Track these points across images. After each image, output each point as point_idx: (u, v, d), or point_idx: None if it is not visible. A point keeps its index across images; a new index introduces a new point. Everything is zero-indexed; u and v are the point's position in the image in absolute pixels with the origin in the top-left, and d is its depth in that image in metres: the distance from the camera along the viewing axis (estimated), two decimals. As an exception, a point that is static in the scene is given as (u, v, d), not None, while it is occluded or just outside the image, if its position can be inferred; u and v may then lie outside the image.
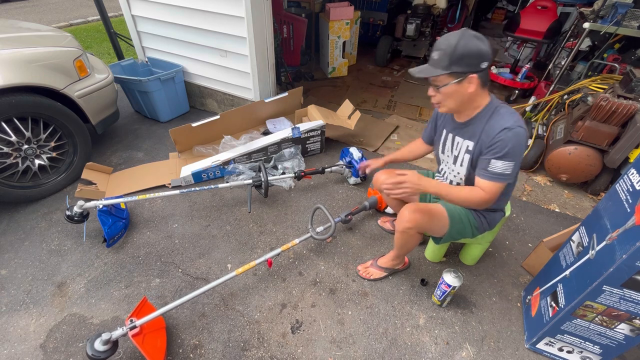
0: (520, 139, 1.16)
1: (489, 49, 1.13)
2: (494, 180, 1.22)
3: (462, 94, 1.20)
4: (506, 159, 1.18)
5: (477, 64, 1.14)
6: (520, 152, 1.18)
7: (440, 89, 1.21)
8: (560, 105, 2.68)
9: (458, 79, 1.16)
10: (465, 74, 1.15)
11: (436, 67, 1.17)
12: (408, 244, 1.55)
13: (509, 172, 1.20)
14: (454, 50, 1.12)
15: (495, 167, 1.20)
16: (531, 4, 3.62)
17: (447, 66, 1.14)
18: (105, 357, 1.26)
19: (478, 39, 1.13)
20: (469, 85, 1.18)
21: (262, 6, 2.50)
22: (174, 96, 3.12)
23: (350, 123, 2.76)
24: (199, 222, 2.11)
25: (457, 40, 1.11)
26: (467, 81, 1.17)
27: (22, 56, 1.94)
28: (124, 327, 1.30)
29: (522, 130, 1.16)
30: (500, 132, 1.17)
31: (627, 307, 1.16)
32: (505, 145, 1.17)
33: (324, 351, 1.48)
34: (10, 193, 2.05)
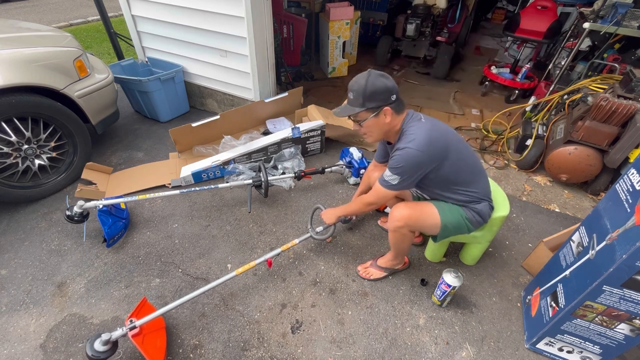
0: (407, 157, 1.30)
1: (393, 84, 1.31)
2: (381, 183, 1.42)
3: (381, 124, 1.36)
4: (393, 171, 1.35)
5: (387, 98, 1.30)
6: (406, 169, 1.33)
7: (362, 123, 1.37)
8: (560, 105, 2.68)
9: (374, 113, 1.33)
10: (379, 107, 1.31)
11: (354, 105, 1.34)
12: (402, 243, 1.59)
13: (394, 183, 1.37)
14: (364, 90, 1.29)
15: (386, 175, 1.39)
16: (531, 4, 3.62)
17: (362, 104, 1.31)
18: (105, 357, 1.26)
19: (383, 77, 1.30)
20: (385, 117, 1.34)
21: (262, 6, 2.50)
22: (174, 96, 3.12)
23: (350, 123, 2.74)
24: (199, 222, 2.11)
25: (365, 81, 1.29)
26: (382, 113, 1.33)
27: (22, 56, 1.94)
28: (124, 328, 1.30)
29: (409, 150, 1.29)
30: (395, 151, 1.36)
31: (627, 307, 1.16)
32: (395, 161, 1.35)
33: (324, 351, 1.48)
34: (10, 193, 2.05)
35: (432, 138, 1.31)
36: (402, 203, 1.51)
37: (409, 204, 1.51)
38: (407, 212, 1.46)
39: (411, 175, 1.34)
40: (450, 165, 1.36)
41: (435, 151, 1.32)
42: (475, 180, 1.46)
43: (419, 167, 1.33)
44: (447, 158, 1.34)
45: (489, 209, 1.51)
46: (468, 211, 1.47)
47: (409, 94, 3.84)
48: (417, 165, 1.32)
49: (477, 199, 1.47)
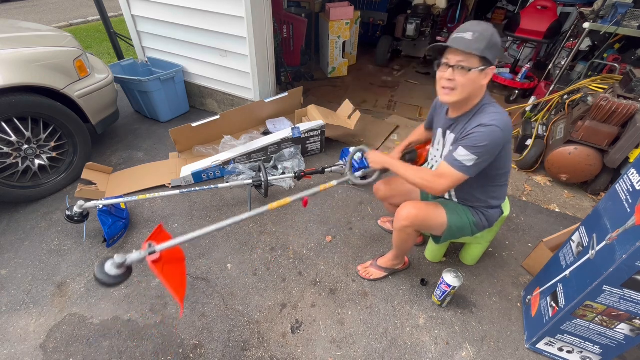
0: (493, 136, 1.14)
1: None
2: (452, 165, 1.20)
3: (476, 84, 1.16)
4: (471, 150, 1.16)
5: (495, 59, 1.13)
6: (487, 150, 1.16)
7: (468, 71, 1.12)
8: (560, 105, 2.68)
9: (482, 67, 1.12)
10: (490, 64, 1.13)
11: (470, 47, 1.09)
12: (406, 243, 1.56)
13: (469, 165, 1.17)
14: (491, 37, 1.09)
15: (458, 154, 1.18)
16: (531, 4, 3.62)
17: (483, 50, 1.09)
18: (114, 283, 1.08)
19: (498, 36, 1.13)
20: (485, 77, 1.15)
21: (262, 6, 2.50)
22: (174, 96, 3.12)
23: (350, 123, 2.76)
24: (199, 222, 2.11)
25: (491, 28, 1.10)
26: (486, 72, 1.14)
27: (22, 56, 1.94)
28: (141, 251, 1.12)
29: (496, 129, 1.14)
30: (476, 127, 1.17)
31: (627, 307, 1.16)
32: (475, 138, 1.16)
33: (324, 351, 1.48)
34: (10, 193, 2.05)
35: (510, 122, 1.18)
36: (409, 202, 1.45)
37: (416, 203, 1.45)
38: (415, 211, 1.41)
39: (489, 158, 1.18)
40: (502, 157, 1.25)
41: (509, 138, 1.20)
42: (507, 182, 1.42)
43: (497, 149, 1.18)
44: (505, 148, 1.23)
45: (499, 215, 1.50)
46: (477, 214, 1.45)
47: (409, 94, 3.83)
48: (497, 147, 1.17)
49: (495, 204, 1.45)
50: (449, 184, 1.22)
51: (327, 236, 2.03)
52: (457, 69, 1.14)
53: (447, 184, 1.22)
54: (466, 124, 1.22)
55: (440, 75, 1.20)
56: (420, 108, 3.53)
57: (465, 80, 1.14)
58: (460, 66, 1.13)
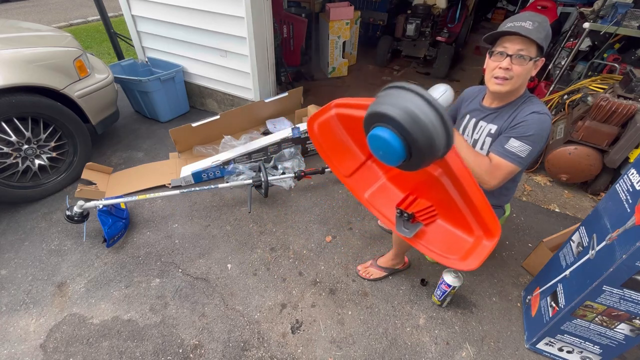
0: (545, 125, 1.13)
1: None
2: (506, 158, 1.16)
3: (527, 74, 1.14)
4: (525, 141, 1.13)
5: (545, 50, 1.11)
6: (540, 138, 1.13)
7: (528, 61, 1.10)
8: (560, 105, 2.67)
9: (536, 57, 1.11)
10: (542, 55, 1.12)
11: (531, 34, 1.06)
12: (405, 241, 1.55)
13: (523, 156, 1.14)
14: (549, 28, 1.08)
15: (512, 146, 1.14)
16: (531, 4, 3.62)
17: (543, 39, 1.08)
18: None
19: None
20: (535, 68, 1.14)
21: (262, 6, 2.50)
22: (174, 96, 3.11)
23: (350, 123, 2.75)
24: (199, 222, 2.11)
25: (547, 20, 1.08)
26: (538, 63, 1.12)
27: (22, 56, 1.94)
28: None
29: (547, 118, 1.13)
30: (529, 115, 1.14)
31: (627, 307, 1.16)
32: (528, 127, 1.13)
33: (324, 351, 1.48)
34: (10, 193, 2.05)
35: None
36: None
37: None
38: None
39: (540, 148, 1.14)
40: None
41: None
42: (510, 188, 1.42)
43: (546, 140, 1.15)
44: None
45: (501, 215, 1.50)
46: None
47: (409, 94, 3.83)
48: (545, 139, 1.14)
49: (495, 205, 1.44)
50: (503, 177, 1.17)
51: (327, 236, 2.03)
52: (516, 58, 1.10)
53: (502, 177, 1.17)
54: (513, 113, 1.19)
55: (494, 64, 1.16)
56: (420, 108, 3.53)
57: (521, 70, 1.12)
58: (519, 55, 1.10)
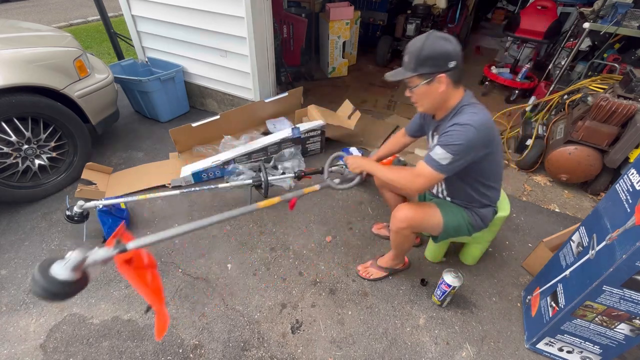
0: (468, 134, 1.16)
1: (455, 48, 1.15)
2: (428, 164, 1.23)
3: (433, 93, 1.23)
4: (446, 149, 1.18)
5: (444, 64, 1.16)
6: (465, 148, 1.17)
7: (412, 90, 1.25)
8: (560, 105, 2.67)
9: (427, 80, 1.19)
10: (433, 74, 1.18)
11: (406, 69, 1.21)
12: (404, 244, 1.58)
13: (444, 164, 1.19)
14: (419, 53, 1.16)
15: (435, 153, 1.21)
16: (531, 4, 3.62)
17: (415, 68, 1.19)
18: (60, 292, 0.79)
19: (444, 39, 1.15)
20: (439, 85, 1.20)
21: (262, 6, 2.50)
22: (174, 96, 3.11)
23: (350, 123, 2.76)
24: (199, 222, 2.11)
25: (423, 42, 1.15)
26: (436, 81, 1.19)
27: (22, 56, 1.94)
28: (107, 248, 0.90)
29: (470, 128, 1.16)
30: (451, 126, 1.20)
31: (627, 307, 1.16)
32: (450, 137, 1.19)
33: (324, 351, 1.48)
34: (10, 193, 2.05)
35: (490, 122, 1.21)
36: (405, 204, 1.48)
37: (412, 205, 1.48)
38: (411, 213, 1.43)
39: (464, 157, 1.19)
40: (491, 159, 1.29)
41: (489, 138, 1.21)
42: (498, 182, 1.43)
43: (473, 149, 1.19)
44: (492, 150, 1.26)
45: (493, 214, 1.50)
46: (471, 214, 1.46)
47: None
48: (473, 147, 1.19)
49: (488, 203, 1.45)
50: (425, 182, 1.26)
51: (327, 236, 2.03)
52: (409, 89, 1.27)
53: (424, 182, 1.26)
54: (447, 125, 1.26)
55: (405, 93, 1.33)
56: (420, 108, 3.53)
57: (418, 96, 1.27)
58: (409, 86, 1.26)
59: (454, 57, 1.15)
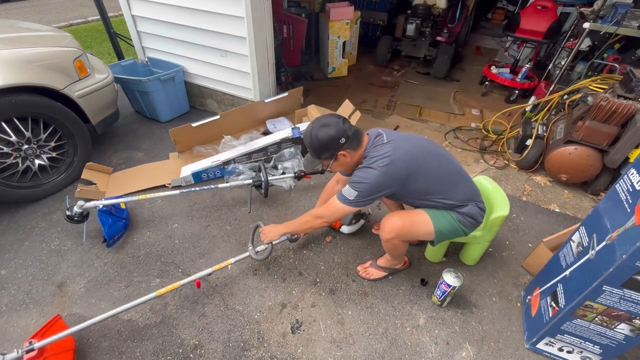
0: (369, 177, 1.32)
1: (337, 129, 1.32)
2: (338, 198, 1.41)
3: (344, 163, 1.43)
4: (353, 187, 1.35)
5: (337, 145, 1.34)
6: (365, 187, 1.33)
7: (328, 168, 1.47)
8: (560, 105, 2.67)
9: (333, 159, 1.40)
10: (333, 155, 1.37)
11: (314, 157, 1.44)
12: (396, 250, 1.60)
13: (351, 198, 1.36)
14: (312, 146, 1.37)
15: (345, 191, 1.39)
16: (531, 4, 3.62)
17: (318, 156, 1.41)
18: None
19: (325, 126, 1.33)
20: (344, 158, 1.39)
21: (262, 6, 2.50)
22: (174, 96, 3.11)
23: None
24: (199, 222, 2.11)
25: (310, 137, 1.35)
26: (340, 157, 1.39)
27: (22, 56, 1.94)
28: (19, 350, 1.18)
29: (371, 171, 1.32)
30: (360, 168, 1.39)
31: (627, 307, 1.16)
32: (357, 178, 1.36)
33: (324, 351, 1.48)
34: (10, 193, 2.05)
35: (394, 160, 1.32)
36: (393, 213, 1.51)
37: (400, 213, 1.50)
38: (399, 222, 1.45)
39: (370, 194, 1.35)
40: (418, 181, 1.37)
41: (396, 173, 1.33)
42: (452, 188, 1.43)
43: (378, 188, 1.34)
44: (412, 176, 1.35)
45: (478, 210, 1.47)
46: (458, 215, 1.45)
47: (409, 94, 3.83)
48: (377, 186, 1.33)
49: (460, 204, 1.44)
50: (333, 212, 1.45)
51: (327, 236, 2.03)
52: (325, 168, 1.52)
53: (332, 212, 1.46)
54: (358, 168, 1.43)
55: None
56: (420, 108, 3.53)
57: (335, 169, 1.50)
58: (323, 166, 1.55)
59: (340, 135, 1.33)
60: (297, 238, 1.81)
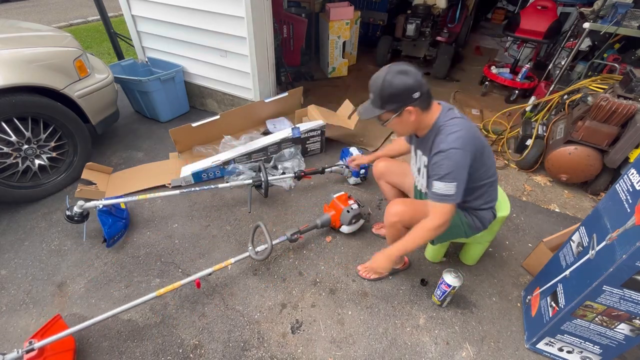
0: (455, 159, 1.19)
1: (415, 80, 1.17)
2: (438, 201, 1.25)
3: (406, 123, 1.27)
4: (445, 180, 1.20)
5: (408, 98, 1.19)
6: (458, 172, 1.20)
7: (384, 124, 1.28)
8: (560, 105, 2.68)
9: (397, 114, 1.23)
10: (400, 108, 1.21)
11: (374, 106, 1.25)
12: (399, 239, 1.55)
13: (452, 193, 1.21)
14: (382, 92, 1.19)
15: (437, 189, 1.23)
16: (531, 4, 3.62)
17: (381, 106, 1.23)
18: None
19: (403, 73, 1.16)
20: (409, 116, 1.23)
21: (262, 6, 2.50)
22: (174, 96, 3.11)
23: (350, 123, 2.76)
24: (199, 222, 2.11)
25: (382, 81, 1.18)
26: (406, 113, 1.22)
27: (22, 56, 1.94)
28: (19, 350, 1.18)
29: (454, 152, 1.18)
30: (436, 155, 1.22)
31: (627, 307, 1.16)
32: (440, 168, 1.20)
33: (324, 351, 1.48)
34: (10, 193, 2.05)
35: (473, 135, 1.23)
36: (399, 199, 1.50)
37: (405, 200, 1.50)
38: (403, 208, 1.44)
39: (464, 177, 1.22)
40: (479, 167, 1.30)
41: (475, 149, 1.23)
42: (491, 187, 1.42)
43: (465, 167, 1.22)
44: (481, 158, 1.28)
45: (492, 216, 1.49)
46: (469, 216, 1.45)
47: (409, 94, 3.83)
48: (465, 166, 1.21)
49: (486, 206, 1.44)
50: (443, 216, 1.26)
51: (327, 236, 2.03)
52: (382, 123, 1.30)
53: (442, 217, 1.26)
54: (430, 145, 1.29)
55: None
56: (420, 108, 3.53)
57: (393, 127, 1.32)
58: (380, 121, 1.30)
59: (417, 88, 1.18)
60: (297, 238, 1.82)
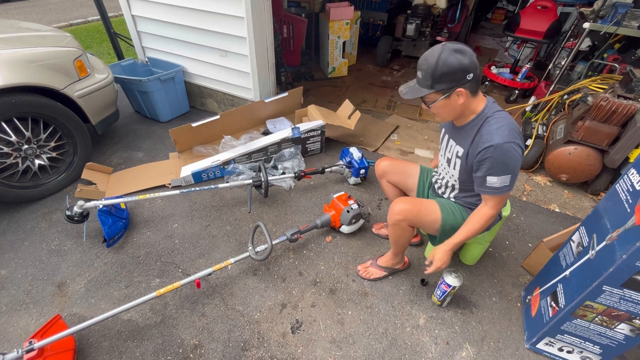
0: (511, 154, 1.16)
1: (471, 60, 1.11)
2: (496, 194, 1.25)
3: (453, 106, 1.21)
4: (501, 174, 1.19)
5: (462, 78, 1.13)
6: (513, 165, 1.18)
7: (429, 105, 1.23)
8: (560, 105, 2.68)
9: (445, 95, 1.17)
10: (451, 88, 1.15)
11: (422, 86, 1.19)
12: (402, 238, 1.56)
13: (508, 184, 1.21)
14: (434, 70, 1.13)
15: (493, 183, 1.22)
16: (531, 4, 3.62)
17: (431, 85, 1.16)
18: None
19: (459, 52, 1.11)
20: (458, 98, 1.18)
21: (262, 6, 2.50)
22: (174, 96, 3.11)
23: (350, 123, 2.76)
24: (199, 222, 2.11)
25: (437, 58, 1.11)
26: (455, 94, 1.17)
27: (22, 56, 1.94)
28: (19, 350, 1.19)
29: (509, 146, 1.15)
30: (487, 149, 1.18)
31: (627, 307, 1.16)
32: (495, 162, 1.18)
33: (324, 351, 1.48)
34: (10, 193, 2.05)
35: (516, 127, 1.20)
36: (402, 197, 1.48)
37: (409, 199, 1.48)
38: (407, 206, 1.43)
39: (518, 169, 1.20)
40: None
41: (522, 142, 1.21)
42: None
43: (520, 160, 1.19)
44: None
45: (498, 218, 1.49)
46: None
47: (409, 94, 3.83)
48: (519, 158, 1.18)
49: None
50: (502, 205, 1.30)
51: (327, 236, 2.03)
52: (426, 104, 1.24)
53: (501, 205, 1.30)
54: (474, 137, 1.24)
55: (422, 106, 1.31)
56: (420, 108, 3.53)
57: (437, 109, 1.24)
58: (425, 102, 1.24)
59: (472, 69, 1.12)
60: (297, 238, 1.82)
